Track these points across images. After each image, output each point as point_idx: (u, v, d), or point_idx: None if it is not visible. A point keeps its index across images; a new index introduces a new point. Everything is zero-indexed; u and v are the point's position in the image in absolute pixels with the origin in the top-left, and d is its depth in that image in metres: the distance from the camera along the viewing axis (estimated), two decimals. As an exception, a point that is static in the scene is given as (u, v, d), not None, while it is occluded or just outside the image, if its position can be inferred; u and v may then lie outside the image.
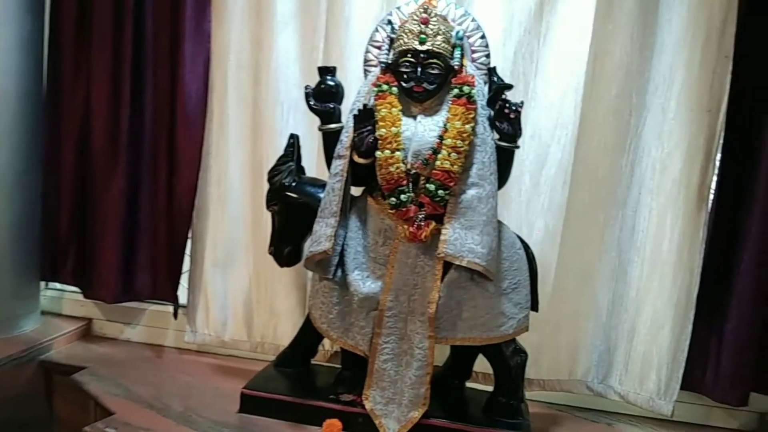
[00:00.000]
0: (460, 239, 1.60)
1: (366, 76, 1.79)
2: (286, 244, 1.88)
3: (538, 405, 2.00)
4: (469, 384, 1.92)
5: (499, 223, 1.70)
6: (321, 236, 1.69)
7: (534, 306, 1.78)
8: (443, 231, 1.62)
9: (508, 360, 1.73)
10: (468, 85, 1.66)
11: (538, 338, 1.92)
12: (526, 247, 1.77)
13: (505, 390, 1.75)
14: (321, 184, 1.80)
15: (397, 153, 1.63)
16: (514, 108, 1.66)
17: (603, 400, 2.03)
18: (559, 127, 1.93)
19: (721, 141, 1.87)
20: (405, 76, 1.67)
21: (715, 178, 1.91)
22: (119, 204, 2.20)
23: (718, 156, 1.88)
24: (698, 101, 1.86)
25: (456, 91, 1.66)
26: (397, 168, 1.63)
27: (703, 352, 1.92)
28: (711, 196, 1.90)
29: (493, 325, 1.66)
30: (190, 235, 2.21)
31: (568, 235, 1.95)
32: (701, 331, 1.91)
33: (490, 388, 1.81)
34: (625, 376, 1.97)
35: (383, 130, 1.65)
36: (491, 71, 1.74)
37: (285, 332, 2.11)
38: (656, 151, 1.91)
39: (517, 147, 1.71)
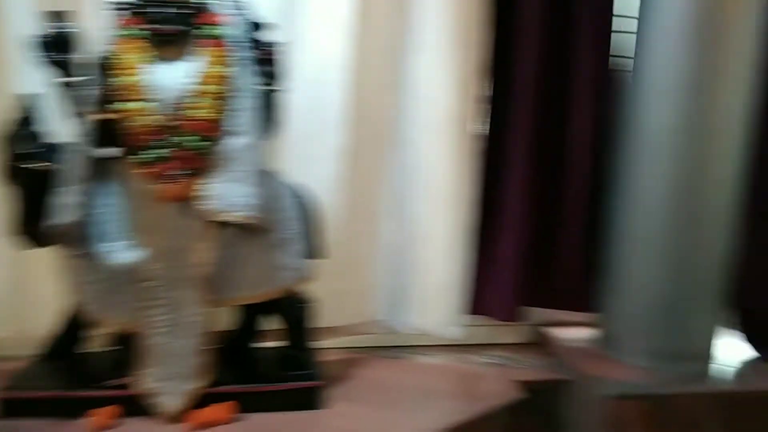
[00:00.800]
0: (225, 193, 1.49)
1: (107, 20, 1.57)
2: (34, 221, 1.63)
3: (337, 352, 1.99)
4: (261, 343, 1.85)
5: (269, 172, 1.62)
6: (67, 207, 1.48)
7: (319, 253, 1.74)
8: (205, 186, 1.49)
9: (293, 312, 1.69)
10: (218, 26, 1.53)
11: (329, 285, 1.87)
12: (304, 195, 1.71)
13: (294, 343, 1.71)
14: (64, 149, 1.57)
15: (146, 104, 1.47)
16: (272, 48, 1.58)
17: (400, 336, 2.08)
18: (331, 69, 1.88)
19: (485, 74, 1.94)
20: (151, 17, 1.49)
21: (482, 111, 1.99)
22: None
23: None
24: (462, 36, 1.90)
25: (206, 32, 1.52)
26: (148, 121, 1.47)
27: (482, 276, 2.04)
28: (479, 129, 1.98)
29: (271, 280, 1.58)
30: None
31: (349, 177, 1.93)
32: (478, 256, 2.02)
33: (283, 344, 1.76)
34: (417, 309, 2.04)
35: (129, 79, 1.47)
36: (248, 11, 1.61)
37: (49, 321, 1.86)
38: (426, 87, 1.94)
39: (282, 90, 1.62)
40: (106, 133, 1.52)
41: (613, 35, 2.03)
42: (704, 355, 1.92)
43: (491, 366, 2.01)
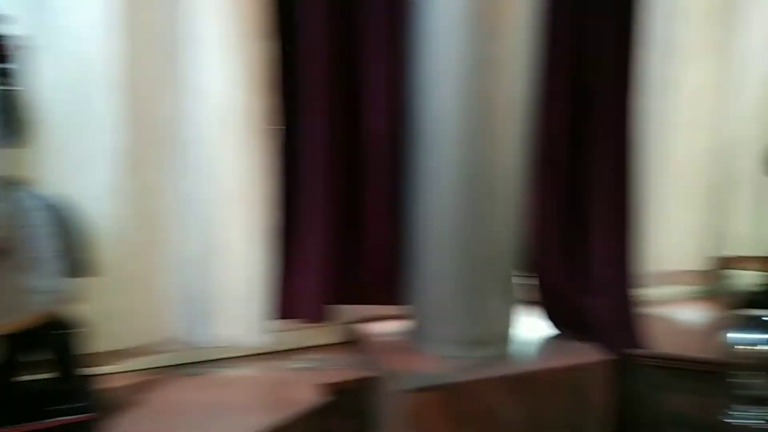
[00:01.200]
0: (-52, 211, 1.29)
1: None
2: None
3: (128, 375, 1.82)
4: (25, 377, 1.63)
5: (14, 183, 1.42)
6: None
7: (86, 271, 1.56)
8: None
9: (58, 339, 1.50)
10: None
11: (112, 304, 1.72)
12: (63, 206, 1.52)
13: (63, 373, 1.53)
14: None
15: None
16: (7, 43, 1.40)
17: (203, 351, 1.94)
18: (95, 63, 1.69)
19: (274, 68, 1.85)
20: None
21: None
22: None
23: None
24: (243, 27, 1.79)
25: None
26: None
27: (286, 278, 1.95)
28: (273, 126, 1.89)
29: (22, 306, 1.40)
30: None
31: (130, 184, 1.76)
32: (281, 258, 1.93)
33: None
34: (219, 319, 1.90)
35: None
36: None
37: None
38: (209, 82, 1.81)
39: (24, 89, 1.43)
40: None
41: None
42: (503, 338, 1.98)
43: (302, 371, 1.94)
